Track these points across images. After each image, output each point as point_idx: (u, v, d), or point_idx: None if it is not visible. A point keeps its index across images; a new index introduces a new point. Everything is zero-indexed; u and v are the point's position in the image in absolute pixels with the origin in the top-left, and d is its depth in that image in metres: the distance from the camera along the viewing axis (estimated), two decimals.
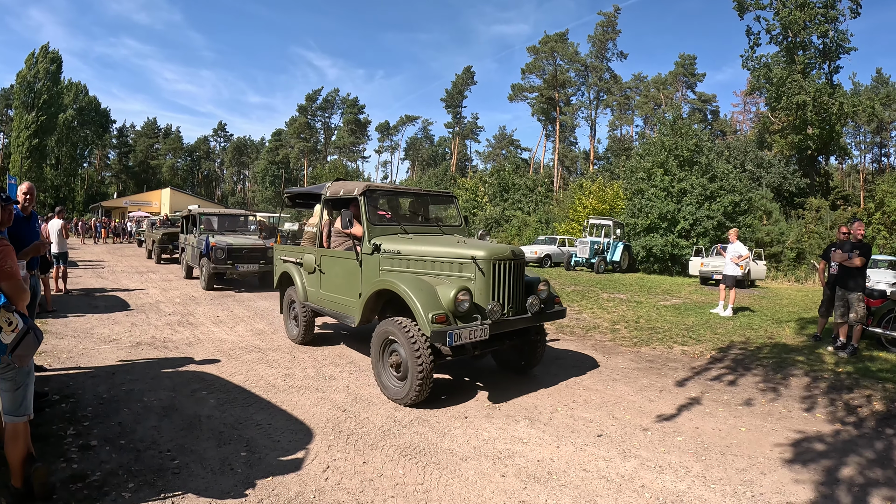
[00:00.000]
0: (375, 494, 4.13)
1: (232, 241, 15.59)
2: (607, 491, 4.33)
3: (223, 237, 16.17)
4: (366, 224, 7.33)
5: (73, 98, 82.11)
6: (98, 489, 4.01)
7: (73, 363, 7.31)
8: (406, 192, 9.22)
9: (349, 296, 7.61)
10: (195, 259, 16.62)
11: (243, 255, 15.40)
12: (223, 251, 14.96)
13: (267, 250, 15.59)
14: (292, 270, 9.13)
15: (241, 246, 15.39)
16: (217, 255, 14.89)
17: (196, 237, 16.60)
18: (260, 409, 5.89)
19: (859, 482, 4.62)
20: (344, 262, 7.80)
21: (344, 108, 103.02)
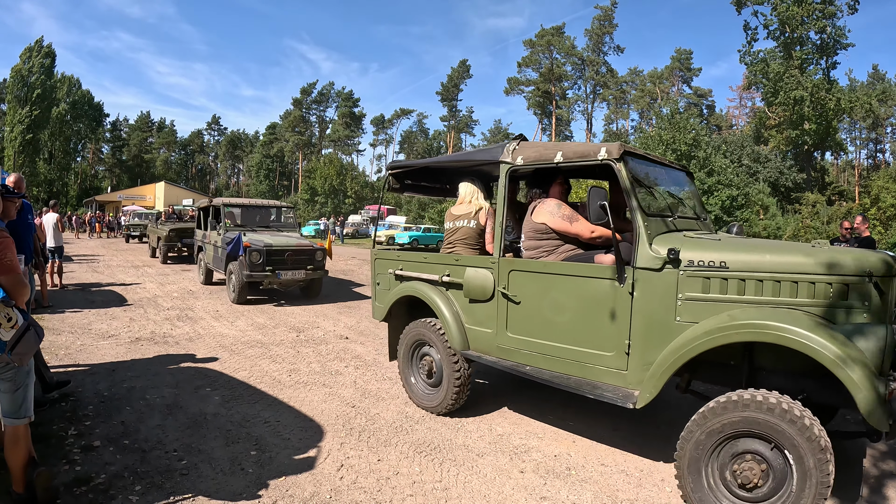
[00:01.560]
0: (393, 493, 4.03)
1: (271, 240, 12.33)
2: (627, 485, 4.26)
3: (258, 235, 12.78)
4: (639, 214, 4.20)
5: (67, 92, 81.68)
6: (104, 493, 3.87)
7: (72, 360, 7.18)
8: (659, 161, 5.35)
9: (595, 346, 4.41)
10: (219, 262, 13.30)
11: (286, 258, 12.21)
12: (260, 254, 11.77)
13: (315, 252, 12.68)
14: (432, 296, 5.68)
15: (283, 247, 12.18)
16: (252, 259, 11.68)
17: (221, 234, 13.20)
18: (267, 405, 5.77)
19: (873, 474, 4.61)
20: (575, 286, 4.55)
21: (339, 102, 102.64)
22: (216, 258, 13.64)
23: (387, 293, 6.30)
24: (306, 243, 12.84)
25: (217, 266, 13.69)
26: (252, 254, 11.66)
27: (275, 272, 11.92)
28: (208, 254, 14.58)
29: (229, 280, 12.52)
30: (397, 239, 36.65)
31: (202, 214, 15.51)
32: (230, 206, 14.47)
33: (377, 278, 6.50)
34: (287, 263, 12.21)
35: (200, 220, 15.80)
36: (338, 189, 67.58)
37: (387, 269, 6.25)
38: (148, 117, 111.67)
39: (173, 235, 20.66)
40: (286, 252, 12.19)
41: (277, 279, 12.05)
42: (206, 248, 14.84)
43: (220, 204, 14.09)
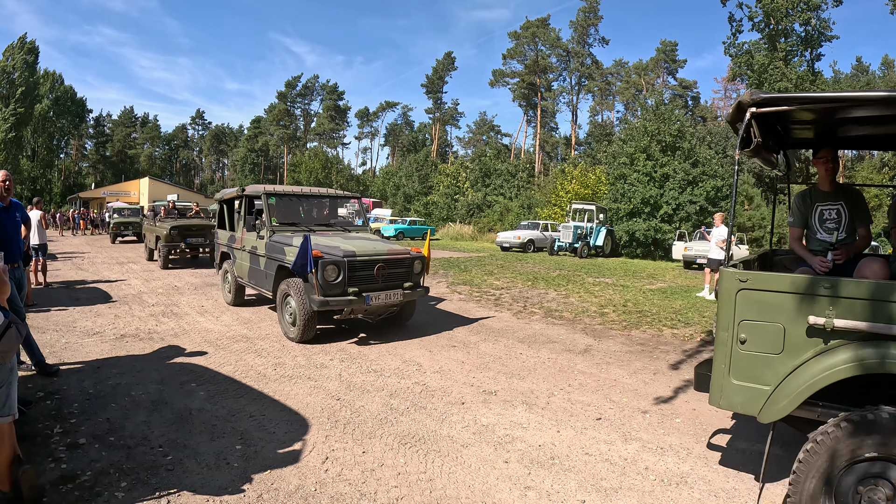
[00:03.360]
0: (378, 485, 4.04)
1: (348, 245, 8.46)
2: (611, 474, 4.30)
3: (324, 238, 8.89)
4: None
5: (50, 88, 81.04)
6: (90, 490, 3.86)
7: (57, 358, 7.10)
8: None
9: None
10: (260, 277, 9.58)
11: (376, 274, 8.32)
12: (339, 268, 7.96)
13: (414, 263, 8.98)
14: None
15: (369, 255, 8.37)
16: (328, 277, 7.88)
17: (266, 237, 9.31)
18: (252, 399, 5.77)
19: None
20: None
21: (323, 95, 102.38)
22: (255, 272, 9.84)
23: (787, 364, 3.42)
24: (400, 249, 9.00)
25: (258, 282, 9.78)
26: (327, 268, 7.81)
27: (361, 295, 7.98)
28: (240, 265, 10.57)
29: (283, 308, 8.56)
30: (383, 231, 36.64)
31: (225, 209, 11.91)
32: (275, 197, 10.07)
33: (739, 329, 3.57)
34: (377, 281, 8.34)
35: (223, 216, 11.99)
36: (323, 182, 67.42)
37: (780, 314, 3.45)
38: (131, 112, 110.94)
39: (175, 234, 17.65)
40: (375, 264, 8.31)
41: (365, 306, 8.06)
42: (236, 257, 10.75)
43: (260, 192, 9.90)
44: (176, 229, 17.77)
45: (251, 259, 9.95)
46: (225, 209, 11.96)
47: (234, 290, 11.16)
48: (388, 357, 7.62)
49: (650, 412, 5.71)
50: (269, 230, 9.31)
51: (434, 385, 6.43)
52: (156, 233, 18.72)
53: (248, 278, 10.31)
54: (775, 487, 4.15)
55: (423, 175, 67.20)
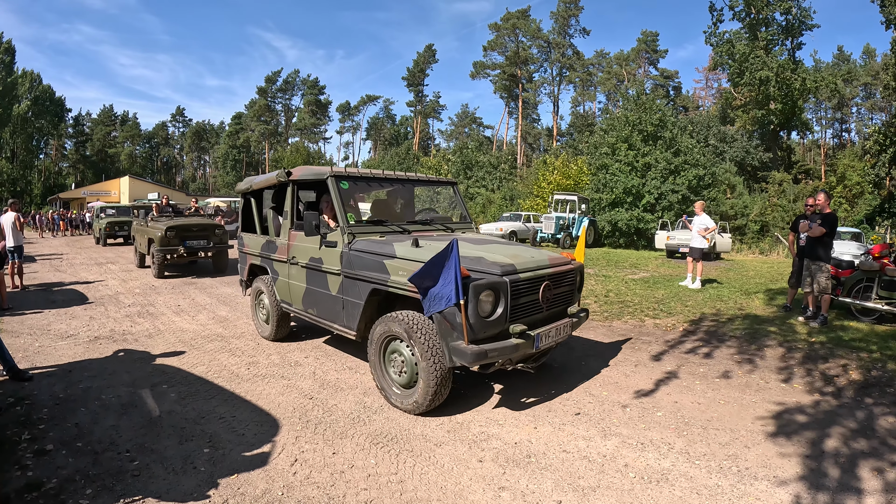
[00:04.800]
0: (347, 487, 3.95)
1: (501, 255, 5.60)
2: (589, 472, 4.21)
3: (474, 245, 5.98)
4: None
5: (28, 88, 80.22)
6: (54, 497, 3.78)
7: (29, 363, 6.96)
8: None
9: None
10: (335, 309, 6.48)
11: (542, 298, 5.59)
12: (497, 293, 5.09)
13: (577, 275, 6.42)
14: None
15: (534, 271, 5.59)
16: (482, 310, 4.95)
17: (342, 244, 6.27)
18: (223, 401, 5.66)
19: (845, 453, 4.56)
20: None
21: (304, 90, 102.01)
22: (318, 297, 6.79)
23: None
24: (561, 258, 6.26)
25: (325, 313, 6.73)
26: (481, 296, 4.92)
27: (528, 335, 5.22)
28: (287, 284, 7.48)
29: (386, 362, 5.71)
30: None
31: (253, 204, 8.70)
32: (348, 182, 6.79)
33: None
34: (541, 308, 5.63)
35: (250, 213, 8.94)
36: None
37: None
38: (111, 111, 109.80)
39: (172, 236, 14.93)
40: (541, 282, 5.59)
41: (533, 350, 5.29)
42: (277, 272, 7.73)
43: (322, 176, 6.73)
44: (173, 230, 14.93)
45: (309, 277, 6.91)
46: (253, 204, 8.66)
47: (274, 319, 7.93)
48: (364, 353, 7.43)
49: (630, 406, 5.63)
50: (346, 233, 6.20)
51: None
52: (148, 235, 15.68)
53: (302, 305, 7.16)
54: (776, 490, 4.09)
55: (406, 168, 67.06)
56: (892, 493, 3.94)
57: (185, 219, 16.54)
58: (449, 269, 4.69)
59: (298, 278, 7.17)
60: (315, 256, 6.72)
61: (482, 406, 5.59)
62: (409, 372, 5.38)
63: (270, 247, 7.92)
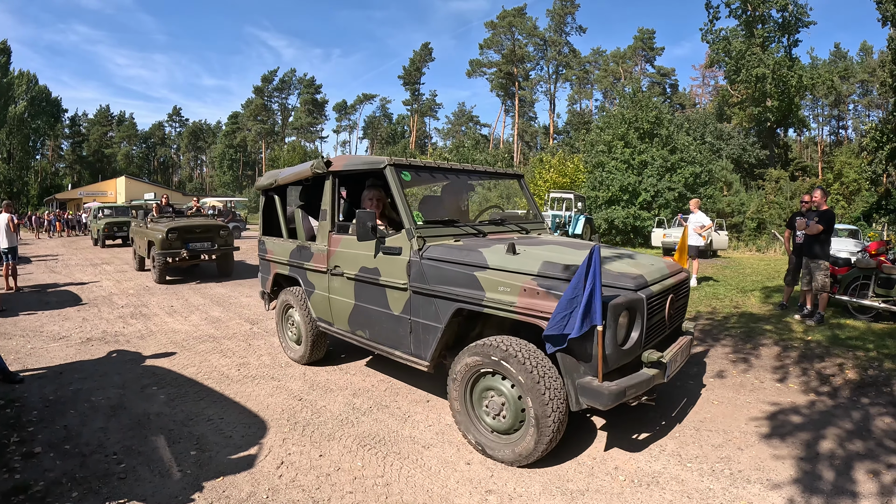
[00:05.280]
0: (332, 491, 3.92)
1: (625, 265, 4.73)
2: (579, 475, 4.18)
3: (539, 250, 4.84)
4: None
5: (25, 89, 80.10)
6: (41, 500, 3.78)
7: (21, 364, 6.94)
8: None
9: None
10: (399, 332, 5.26)
11: (667, 315, 4.83)
12: (634, 314, 4.20)
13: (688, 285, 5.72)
14: None
15: (661, 283, 4.73)
16: (619, 335, 4.07)
17: (410, 250, 5.02)
18: (212, 402, 5.64)
19: (841, 455, 4.52)
20: None
21: (301, 89, 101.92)
22: (371, 316, 5.58)
23: None
24: (677, 266, 5.48)
25: (381, 337, 5.55)
26: (620, 318, 4.03)
27: (662, 363, 4.45)
28: (326, 299, 6.25)
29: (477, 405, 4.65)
30: None
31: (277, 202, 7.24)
32: (413, 171, 5.65)
33: None
34: (665, 327, 4.90)
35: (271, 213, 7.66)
36: None
37: None
38: (107, 111, 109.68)
39: (174, 238, 13.87)
40: (668, 294, 4.82)
41: (665, 378, 4.51)
42: (313, 285, 6.47)
43: (377, 165, 5.48)
44: (175, 232, 13.89)
45: (360, 291, 5.68)
46: (277, 203, 7.26)
47: (308, 339, 6.72)
48: (356, 354, 7.46)
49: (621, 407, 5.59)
50: (415, 236, 5.00)
51: (400, 382, 6.31)
52: (148, 237, 14.71)
53: (348, 325, 5.95)
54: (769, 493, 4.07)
55: None
56: (887, 496, 3.91)
57: (188, 219, 15.49)
58: (586, 285, 3.71)
59: (343, 292, 5.91)
60: (368, 266, 5.44)
61: None
62: (510, 415, 4.32)
63: (303, 253, 6.58)
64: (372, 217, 5.03)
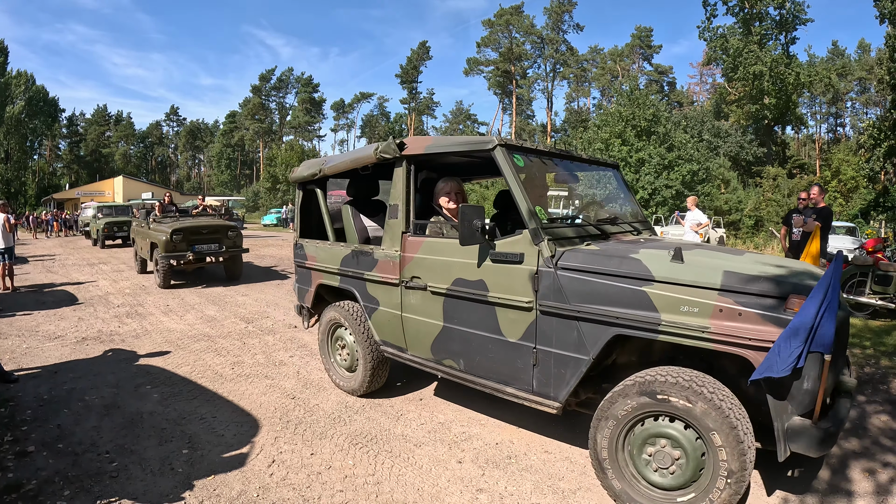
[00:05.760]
0: (323, 489, 3.92)
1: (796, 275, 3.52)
2: (571, 473, 4.17)
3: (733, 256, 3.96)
4: None
5: (23, 89, 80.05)
6: (33, 499, 3.77)
7: (16, 364, 6.93)
8: None
9: None
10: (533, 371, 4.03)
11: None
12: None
13: None
14: None
15: None
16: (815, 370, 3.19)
17: (543, 257, 3.88)
18: (205, 401, 5.63)
19: (836, 454, 4.50)
20: None
21: (298, 88, 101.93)
22: (477, 345, 4.41)
23: None
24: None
25: (494, 372, 4.34)
26: None
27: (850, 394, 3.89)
28: (412, 324, 4.94)
29: None
30: None
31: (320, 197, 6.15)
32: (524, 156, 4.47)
33: None
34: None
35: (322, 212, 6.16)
36: None
37: None
38: (105, 111, 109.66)
39: (179, 240, 12.86)
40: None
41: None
42: (378, 300, 5.28)
43: (493, 145, 4.24)
44: (179, 233, 12.87)
45: (452, 310, 4.56)
46: (319, 197, 6.15)
47: (367, 367, 5.51)
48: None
49: None
50: (544, 239, 3.93)
51: (393, 380, 6.26)
52: (150, 238, 13.67)
53: (432, 352, 4.83)
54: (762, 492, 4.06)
55: None
56: (883, 494, 3.88)
57: (193, 219, 14.55)
58: (815, 303, 3.00)
59: (425, 311, 4.78)
60: (468, 278, 4.35)
61: (466, 406, 5.54)
62: (686, 469, 3.40)
63: (361, 260, 5.39)
64: (480, 214, 4.03)
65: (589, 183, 7.63)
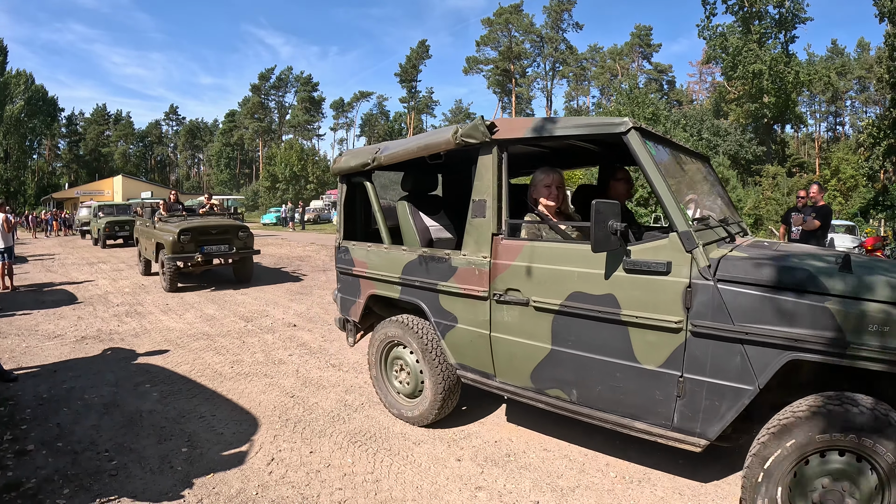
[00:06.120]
0: (322, 487, 3.92)
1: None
2: (570, 471, 4.16)
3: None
4: None
5: (23, 89, 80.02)
6: (32, 497, 3.77)
7: (16, 363, 6.93)
8: None
9: None
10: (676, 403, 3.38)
11: None
12: None
13: None
14: None
15: None
16: None
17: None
18: (204, 399, 5.63)
19: None
20: None
21: (298, 87, 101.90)
22: (598, 372, 3.67)
23: None
24: None
25: (619, 403, 3.68)
26: None
27: None
28: (506, 346, 4.13)
29: None
30: None
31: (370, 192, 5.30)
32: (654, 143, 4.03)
33: None
34: None
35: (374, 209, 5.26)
36: (299, 175, 66.91)
37: None
38: (104, 110, 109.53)
39: (187, 241, 12.15)
40: None
41: None
42: (459, 317, 4.42)
43: (626, 128, 3.54)
44: (187, 234, 12.17)
45: (563, 330, 3.80)
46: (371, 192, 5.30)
47: (438, 393, 4.65)
48: (349, 351, 7.42)
49: None
50: (699, 244, 3.27)
51: None
52: (156, 238, 12.94)
53: (531, 380, 4.08)
54: None
55: None
56: None
57: (202, 219, 13.87)
58: None
59: (526, 330, 3.97)
60: (591, 292, 3.59)
61: (464, 404, 5.49)
62: None
63: (433, 268, 4.55)
64: (616, 212, 3.30)
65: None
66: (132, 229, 19.30)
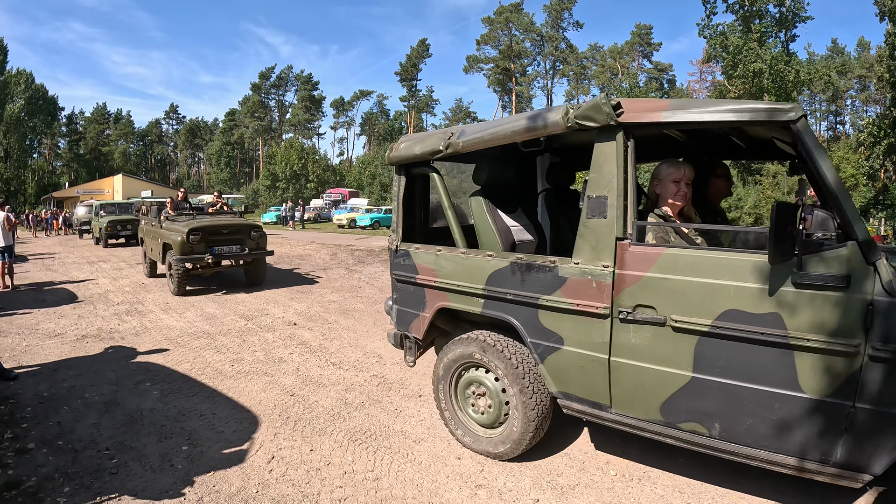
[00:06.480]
0: (322, 485, 3.92)
1: None
2: (570, 469, 4.16)
3: None
4: None
5: (23, 88, 79.96)
6: (33, 496, 3.77)
7: (16, 362, 6.93)
8: None
9: None
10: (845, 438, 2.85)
11: None
12: None
13: None
14: None
15: None
16: None
17: None
18: (205, 398, 5.64)
19: None
20: None
21: (298, 85, 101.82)
22: (749, 403, 3.08)
23: None
24: None
25: (773, 439, 3.07)
26: None
27: None
28: (630, 372, 3.47)
29: None
30: (359, 221, 36.50)
31: (440, 186, 4.50)
32: None
33: None
34: None
35: (444, 208, 4.45)
36: (299, 174, 66.89)
37: None
38: (104, 109, 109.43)
39: (196, 241, 11.43)
40: None
41: None
42: (565, 338, 3.73)
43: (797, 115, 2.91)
44: (197, 233, 11.46)
45: (710, 354, 3.18)
46: (439, 185, 4.55)
47: (532, 422, 4.00)
48: (349, 349, 7.46)
49: None
50: (882, 256, 2.78)
51: (392, 377, 6.28)
52: (163, 238, 12.22)
53: (660, 413, 3.47)
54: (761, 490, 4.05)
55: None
56: None
57: (211, 218, 13.12)
58: None
59: (661, 355, 3.35)
60: (751, 310, 3.01)
61: None
62: None
63: (530, 278, 3.86)
64: (796, 216, 2.80)
65: None
66: (135, 228, 19.47)
